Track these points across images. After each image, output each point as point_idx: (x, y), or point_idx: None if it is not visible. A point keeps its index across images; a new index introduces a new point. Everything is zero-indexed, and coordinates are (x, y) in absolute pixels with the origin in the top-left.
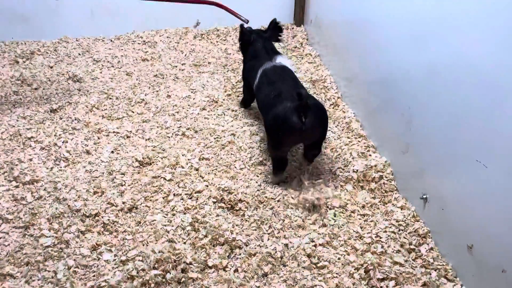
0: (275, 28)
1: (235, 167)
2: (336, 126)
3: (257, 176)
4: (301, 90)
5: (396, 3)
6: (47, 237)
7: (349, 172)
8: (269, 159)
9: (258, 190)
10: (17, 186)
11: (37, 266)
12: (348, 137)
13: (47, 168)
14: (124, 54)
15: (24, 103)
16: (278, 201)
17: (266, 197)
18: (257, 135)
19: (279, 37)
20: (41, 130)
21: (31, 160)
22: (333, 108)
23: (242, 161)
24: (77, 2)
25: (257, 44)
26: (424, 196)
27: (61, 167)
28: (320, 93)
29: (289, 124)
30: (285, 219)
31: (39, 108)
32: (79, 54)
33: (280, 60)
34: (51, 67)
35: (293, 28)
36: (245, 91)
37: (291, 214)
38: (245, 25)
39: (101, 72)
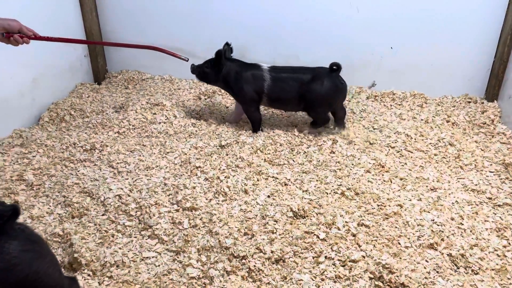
0: (229, 50)
1: (399, 243)
2: None
3: (426, 261)
4: (336, 62)
5: None
6: (194, 267)
7: None
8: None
9: (426, 278)
10: (177, 210)
11: None
12: None
13: (207, 199)
14: None
15: (198, 135)
16: None
17: None
18: (428, 212)
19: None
20: (208, 162)
21: (194, 188)
22: None
23: (408, 238)
24: (262, 50)
25: (233, 65)
26: None
27: (219, 201)
28: None
29: (340, 87)
30: None
31: (210, 141)
32: None
33: (263, 65)
34: (227, 107)
35: (482, 103)
36: (256, 112)
37: None
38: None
39: (269, 119)
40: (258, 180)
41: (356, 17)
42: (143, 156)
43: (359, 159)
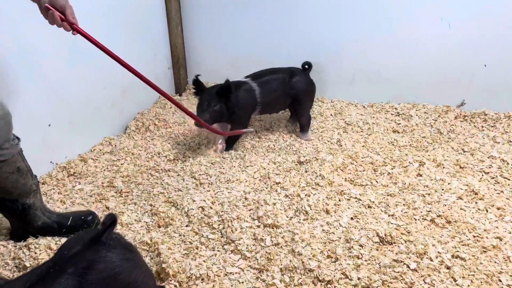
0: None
1: (500, 281)
2: None
3: None
4: (307, 61)
5: None
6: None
7: None
8: None
9: None
10: (258, 226)
11: None
12: None
13: (287, 217)
14: (376, 122)
15: (275, 150)
16: None
17: None
18: None
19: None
20: (288, 178)
21: (274, 204)
22: None
23: (511, 275)
24: (342, 65)
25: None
26: None
27: (300, 219)
28: None
29: (313, 82)
30: None
31: (288, 157)
32: (331, 114)
33: (243, 79)
34: None
35: None
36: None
37: None
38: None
39: (350, 136)
40: (339, 200)
41: (447, 32)
42: (223, 168)
43: (449, 183)
